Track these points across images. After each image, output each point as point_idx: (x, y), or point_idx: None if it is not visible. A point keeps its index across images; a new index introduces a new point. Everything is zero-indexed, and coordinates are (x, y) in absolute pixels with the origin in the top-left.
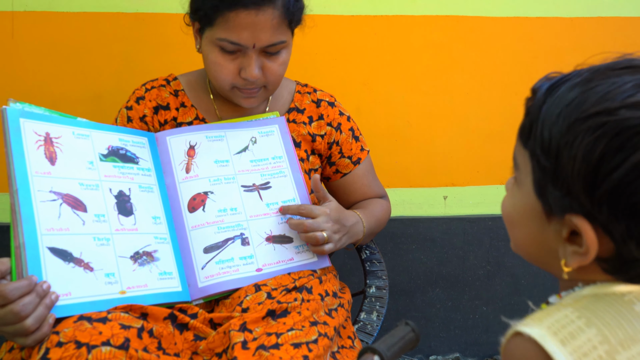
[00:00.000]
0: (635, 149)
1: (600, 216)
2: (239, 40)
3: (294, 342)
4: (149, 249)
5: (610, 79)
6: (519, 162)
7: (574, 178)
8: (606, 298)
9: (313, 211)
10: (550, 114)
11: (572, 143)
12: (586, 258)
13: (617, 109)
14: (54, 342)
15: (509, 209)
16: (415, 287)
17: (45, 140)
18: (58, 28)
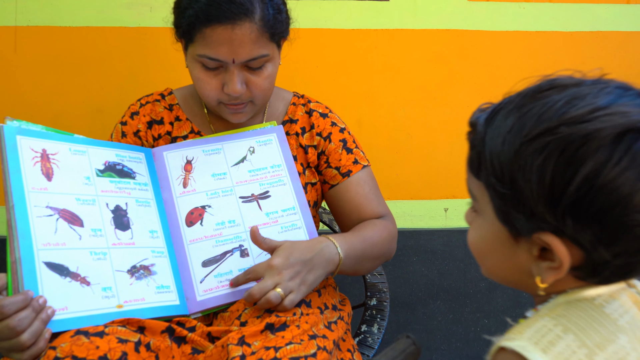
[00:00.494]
0: (582, 161)
1: (567, 229)
2: (218, 56)
3: (292, 356)
4: (146, 262)
5: (540, 100)
6: (475, 194)
7: (534, 199)
8: (578, 304)
9: (258, 271)
10: (495, 144)
11: (524, 167)
12: (561, 271)
13: (557, 127)
14: (50, 357)
15: (476, 240)
16: (416, 300)
17: (41, 156)
18: (60, 43)
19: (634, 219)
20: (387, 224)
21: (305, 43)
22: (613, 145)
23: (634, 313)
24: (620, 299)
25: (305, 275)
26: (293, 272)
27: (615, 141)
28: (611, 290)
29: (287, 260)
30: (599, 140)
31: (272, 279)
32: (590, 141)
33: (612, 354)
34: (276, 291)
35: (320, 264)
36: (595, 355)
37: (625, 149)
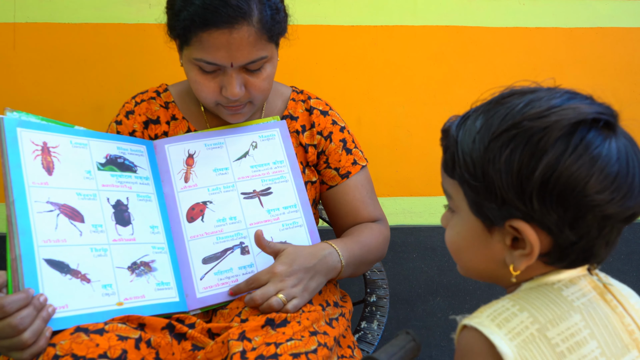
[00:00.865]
0: (544, 151)
1: (535, 213)
2: (215, 60)
3: (292, 352)
4: (146, 259)
5: (504, 105)
6: (450, 192)
7: (504, 188)
8: (539, 288)
9: (261, 279)
10: (467, 143)
11: (493, 160)
12: (531, 257)
13: (520, 122)
14: (50, 355)
15: (453, 237)
16: (416, 296)
17: (42, 149)
18: (59, 39)
19: (593, 199)
20: (382, 228)
21: (304, 40)
22: (569, 136)
23: (591, 296)
24: (580, 283)
25: (307, 282)
26: (296, 279)
27: (570, 132)
28: (571, 276)
29: (290, 267)
30: (557, 131)
31: (274, 286)
32: (549, 132)
33: (564, 330)
34: (278, 297)
35: (322, 271)
36: (547, 331)
37: (579, 139)
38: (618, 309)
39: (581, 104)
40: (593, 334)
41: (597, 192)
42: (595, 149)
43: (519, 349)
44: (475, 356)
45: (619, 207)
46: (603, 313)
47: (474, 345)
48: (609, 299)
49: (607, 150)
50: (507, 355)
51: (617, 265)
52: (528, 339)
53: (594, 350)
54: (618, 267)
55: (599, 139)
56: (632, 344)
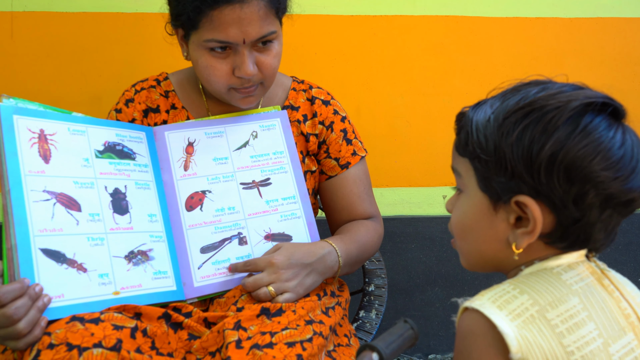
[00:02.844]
0: (555, 128)
1: (542, 187)
2: (227, 38)
3: (288, 341)
4: (144, 247)
5: (519, 91)
6: (460, 171)
7: (514, 161)
8: (539, 273)
9: (258, 265)
10: (482, 122)
11: (506, 134)
12: (534, 234)
13: (534, 102)
14: (45, 343)
15: (459, 217)
16: (414, 286)
17: (39, 137)
18: (57, 28)
19: (598, 175)
20: (377, 226)
21: (303, 29)
22: (578, 117)
23: (589, 281)
24: (578, 269)
25: (303, 278)
26: (292, 273)
27: (580, 113)
28: (570, 262)
29: (288, 260)
30: (569, 111)
31: (268, 276)
32: (561, 111)
33: (563, 312)
34: (267, 289)
35: (319, 270)
36: (546, 312)
37: (588, 121)
38: (615, 294)
39: (590, 91)
40: (591, 316)
41: (602, 169)
42: (602, 131)
43: (519, 329)
44: (477, 337)
45: (622, 187)
46: (600, 297)
47: (475, 327)
48: (606, 284)
49: (612, 135)
50: (509, 335)
51: (615, 256)
52: (528, 320)
53: (592, 331)
54: (616, 257)
55: (605, 124)
56: (628, 327)
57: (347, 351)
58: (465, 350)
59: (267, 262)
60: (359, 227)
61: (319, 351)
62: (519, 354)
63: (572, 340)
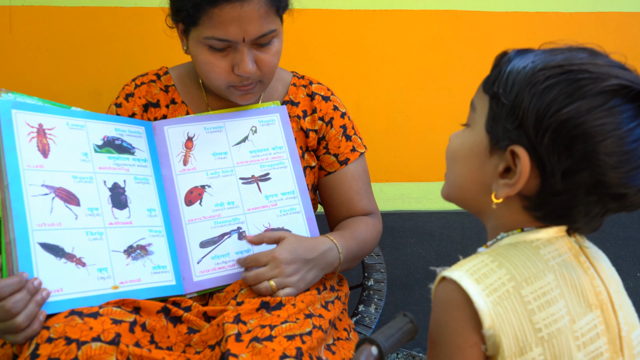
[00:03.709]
0: (581, 97)
1: (541, 148)
2: (227, 36)
3: (287, 334)
4: (143, 242)
5: (571, 51)
6: (476, 106)
7: (527, 112)
8: (518, 245)
9: (259, 260)
10: (518, 66)
11: (534, 84)
12: (514, 188)
13: (576, 64)
14: (44, 337)
15: (456, 146)
16: (413, 281)
17: (38, 131)
18: (56, 23)
19: (599, 158)
20: (376, 223)
21: (303, 24)
22: (611, 95)
23: (566, 257)
24: (557, 244)
25: (305, 273)
26: (294, 268)
27: (614, 93)
28: (550, 236)
29: (291, 255)
30: (603, 86)
31: (270, 271)
32: (596, 83)
33: (538, 289)
34: (268, 283)
35: (320, 265)
36: (521, 289)
37: (618, 103)
38: (590, 271)
39: (634, 76)
40: (562, 293)
41: (607, 154)
42: (625, 118)
43: (494, 305)
44: (454, 309)
45: (618, 179)
46: (575, 274)
47: (453, 298)
48: (582, 261)
49: (634, 126)
50: (483, 311)
51: (613, 250)
52: (504, 296)
53: (561, 309)
54: (615, 252)
55: (631, 113)
56: (597, 304)
57: (346, 345)
58: (442, 320)
59: (269, 257)
60: (358, 224)
61: (318, 344)
62: (491, 330)
63: (542, 317)
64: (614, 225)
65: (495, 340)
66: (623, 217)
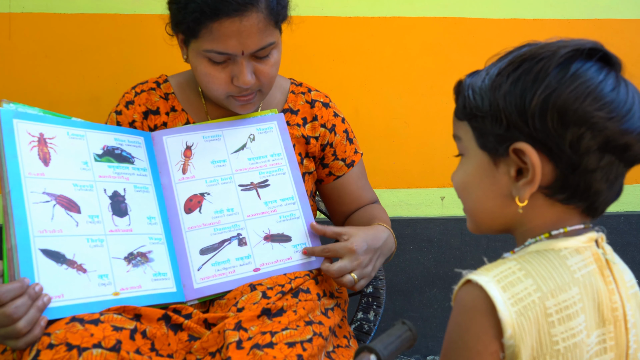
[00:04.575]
0: (546, 75)
1: (537, 133)
2: (227, 50)
3: (288, 341)
4: (143, 249)
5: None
6: (460, 136)
7: (508, 111)
8: (545, 254)
9: (338, 251)
10: (476, 82)
11: (499, 86)
12: (534, 183)
13: (525, 53)
14: (45, 344)
15: (461, 176)
16: (412, 288)
17: (39, 140)
18: (55, 30)
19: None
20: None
21: (301, 31)
22: (568, 63)
23: (591, 269)
24: (584, 254)
25: (375, 262)
26: (368, 258)
27: (571, 60)
28: (578, 246)
29: (365, 245)
30: (558, 58)
31: (351, 263)
32: (550, 59)
33: (561, 301)
34: (351, 276)
35: (384, 253)
36: (547, 300)
37: (577, 67)
38: (611, 286)
39: (581, 40)
40: (584, 308)
41: (595, 109)
42: (592, 74)
43: (517, 316)
44: (478, 314)
45: (618, 127)
46: (596, 287)
47: (478, 304)
48: (606, 275)
49: (603, 77)
50: (506, 320)
51: None
52: (529, 306)
53: (580, 324)
54: None
55: (595, 67)
56: (611, 320)
57: (346, 352)
58: (464, 324)
59: (347, 249)
60: (381, 213)
61: (318, 352)
62: (512, 341)
63: (560, 330)
64: (612, 231)
65: (514, 350)
66: (622, 223)
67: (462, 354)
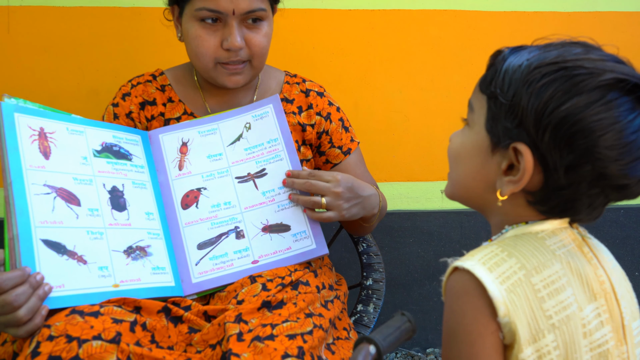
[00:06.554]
0: (578, 93)
1: (542, 145)
2: (218, 7)
3: (288, 333)
4: (142, 243)
5: (564, 47)
6: (474, 106)
7: (526, 110)
8: (524, 237)
9: (323, 176)
10: (514, 64)
11: (530, 83)
12: (519, 184)
13: (570, 60)
14: (45, 335)
15: (457, 145)
16: (412, 280)
17: (39, 134)
18: (54, 23)
19: (600, 152)
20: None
21: (301, 24)
22: (607, 90)
23: (570, 247)
24: (561, 235)
25: (353, 205)
26: (349, 196)
27: (610, 87)
28: (554, 228)
29: (351, 183)
30: (599, 81)
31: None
32: (592, 78)
33: (546, 277)
34: (320, 197)
35: (364, 205)
36: (531, 277)
37: (615, 97)
38: (593, 261)
39: (629, 69)
40: (570, 281)
41: (607, 147)
42: (623, 111)
43: (507, 293)
44: (471, 297)
45: (619, 171)
46: (580, 263)
47: (468, 287)
48: (585, 251)
49: (632, 118)
50: (497, 298)
51: (612, 249)
52: (516, 284)
53: (569, 296)
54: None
55: (629, 105)
56: (601, 293)
57: (346, 344)
58: (460, 310)
59: (333, 177)
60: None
61: (319, 344)
62: (507, 318)
63: (552, 304)
64: (612, 224)
65: (511, 327)
66: (621, 216)
67: (464, 339)
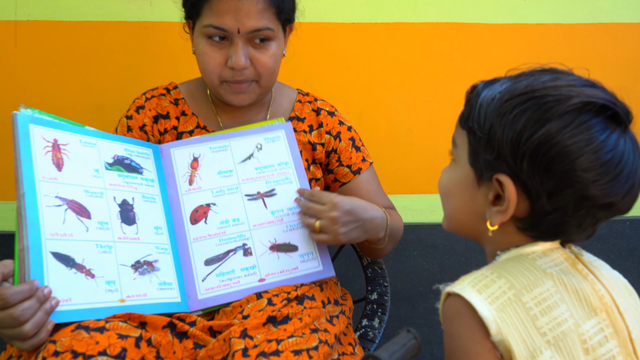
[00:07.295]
0: (550, 120)
1: (522, 173)
2: (223, 25)
3: (294, 349)
4: (149, 258)
5: (533, 75)
6: (457, 142)
7: (502, 142)
8: (515, 259)
9: (322, 198)
10: (487, 99)
11: (503, 115)
12: (506, 214)
13: (538, 90)
14: (50, 351)
15: (446, 181)
16: (417, 294)
17: (53, 146)
18: (61, 37)
19: (577, 175)
20: (399, 214)
21: (304, 37)
22: (576, 114)
23: (563, 266)
24: (552, 255)
25: (352, 229)
26: (347, 219)
27: (578, 111)
28: (545, 249)
29: (349, 207)
30: (567, 106)
31: (326, 212)
32: (560, 105)
33: (537, 295)
34: (314, 220)
35: (366, 228)
36: (522, 296)
37: (585, 120)
38: (589, 277)
39: (597, 91)
40: (563, 298)
41: (584, 170)
42: (595, 133)
43: (497, 312)
44: (464, 318)
45: (600, 191)
46: (575, 280)
47: (460, 309)
48: (580, 268)
49: (605, 137)
50: (487, 318)
51: (618, 261)
52: (506, 303)
53: (563, 312)
54: (619, 263)
55: (601, 126)
56: (601, 308)
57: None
58: (456, 333)
59: (329, 200)
60: (391, 212)
61: (324, 359)
62: (499, 336)
63: (545, 322)
64: (618, 236)
65: (505, 345)
66: (627, 228)
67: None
